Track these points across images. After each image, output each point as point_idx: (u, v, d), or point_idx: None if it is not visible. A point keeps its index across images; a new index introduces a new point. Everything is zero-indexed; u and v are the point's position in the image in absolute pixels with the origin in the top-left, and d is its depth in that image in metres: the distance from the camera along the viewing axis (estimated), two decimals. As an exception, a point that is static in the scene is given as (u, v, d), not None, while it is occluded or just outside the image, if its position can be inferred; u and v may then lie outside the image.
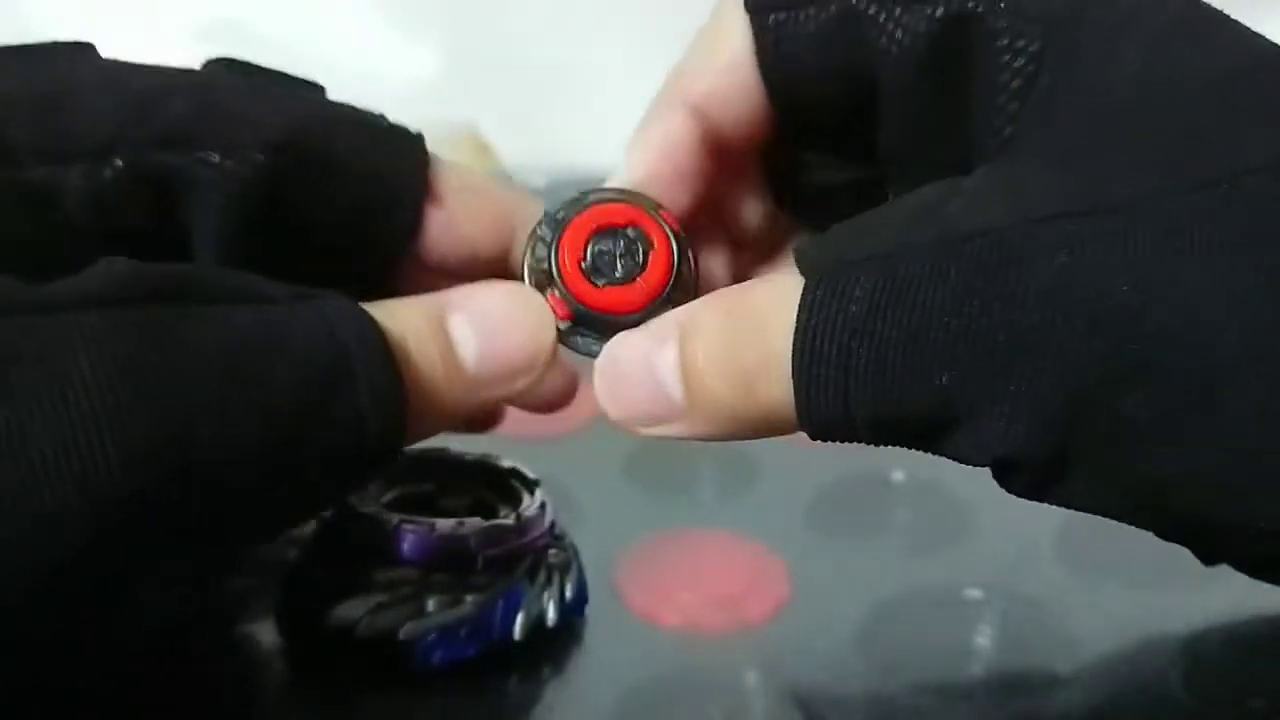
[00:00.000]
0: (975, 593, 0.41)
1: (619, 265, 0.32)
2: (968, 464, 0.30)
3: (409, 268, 0.35)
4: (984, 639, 0.40)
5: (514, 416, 0.47)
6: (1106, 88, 0.29)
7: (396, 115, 0.36)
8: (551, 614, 0.38)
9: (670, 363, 0.30)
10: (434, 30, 0.71)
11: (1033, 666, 0.39)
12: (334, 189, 0.33)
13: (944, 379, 0.28)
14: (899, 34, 0.30)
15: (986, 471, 0.37)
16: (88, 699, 0.32)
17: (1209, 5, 0.31)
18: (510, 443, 0.42)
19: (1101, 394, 0.27)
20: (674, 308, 0.31)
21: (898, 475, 0.46)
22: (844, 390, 0.28)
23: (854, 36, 0.31)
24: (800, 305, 0.28)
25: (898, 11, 0.30)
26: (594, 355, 0.32)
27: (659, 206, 0.33)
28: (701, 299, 0.31)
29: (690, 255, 0.33)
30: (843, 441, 0.30)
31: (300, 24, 0.70)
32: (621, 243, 0.32)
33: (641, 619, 0.40)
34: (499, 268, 0.35)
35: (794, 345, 0.28)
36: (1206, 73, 0.29)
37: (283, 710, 0.36)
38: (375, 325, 0.30)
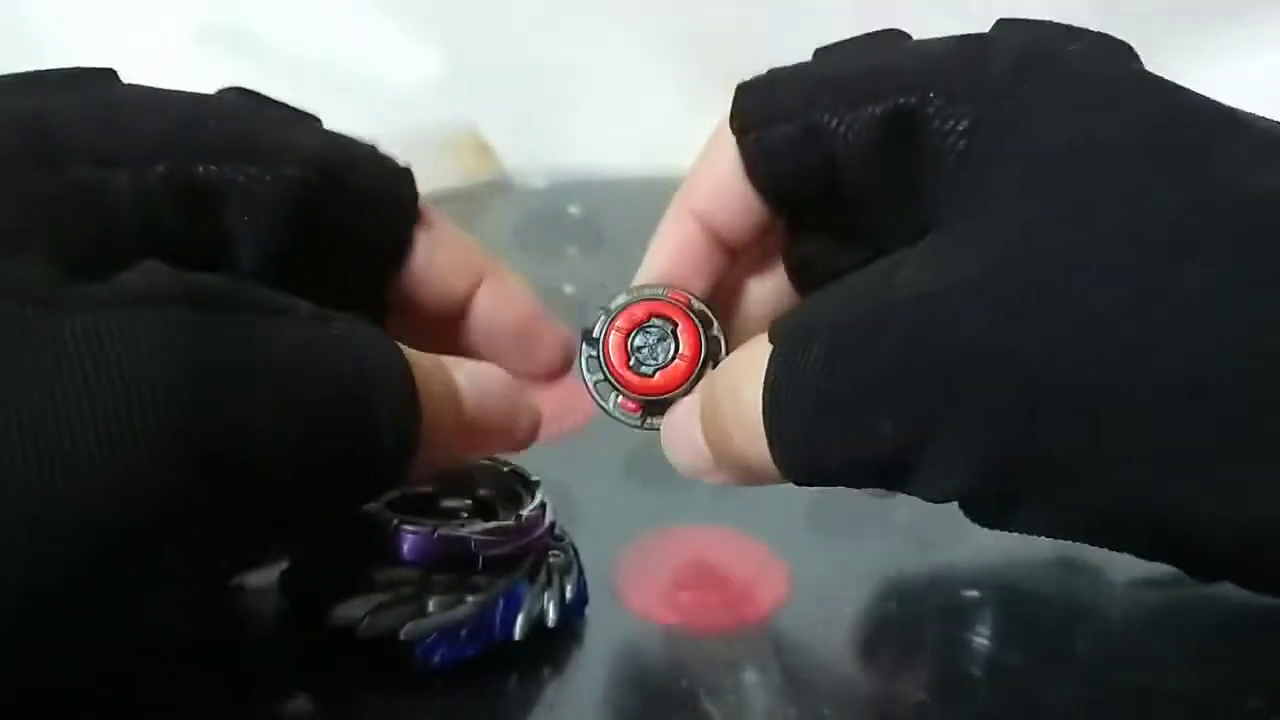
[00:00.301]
0: (973, 592, 0.41)
1: (658, 352, 0.37)
2: (931, 501, 0.33)
3: (390, 294, 0.38)
4: (982, 638, 0.40)
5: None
6: (1036, 149, 0.32)
7: (398, 116, 0.37)
8: (552, 614, 0.38)
9: (698, 432, 0.36)
10: (435, 31, 0.70)
11: (1031, 666, 0.39)
12: (350, 210, 0.36)
13: (888, 430, 0.31)
14: (849, 135, 0.35)
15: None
16: (88, 699, 0.32)
17: (1137, 68, 0.34)
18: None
19: (1027, 439, 0.30)
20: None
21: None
22: (807, 443, 0.33)
23: (817, 142, 0.35)
24: (767, 368, 0.33)
25: (847, 116, 0.35)
26: None
27: (671, 289, 0.38)
28: (734, 352, 0.35)
29: (716, 322, 0.38)
30: (822, 486, 0.34)
31: (301, 25, 0.69)
32: (653, 334, 0.37)
33: (641, 618, 0.40)
34: (458, 313, 0.38)
35: (761, 403, 0.33)
36: (1132, 125, 0.32)
37: (283, 710, 0.36)
38: (400, 352, 0.33)
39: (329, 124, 0.37)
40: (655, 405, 0.37)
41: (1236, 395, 0.29)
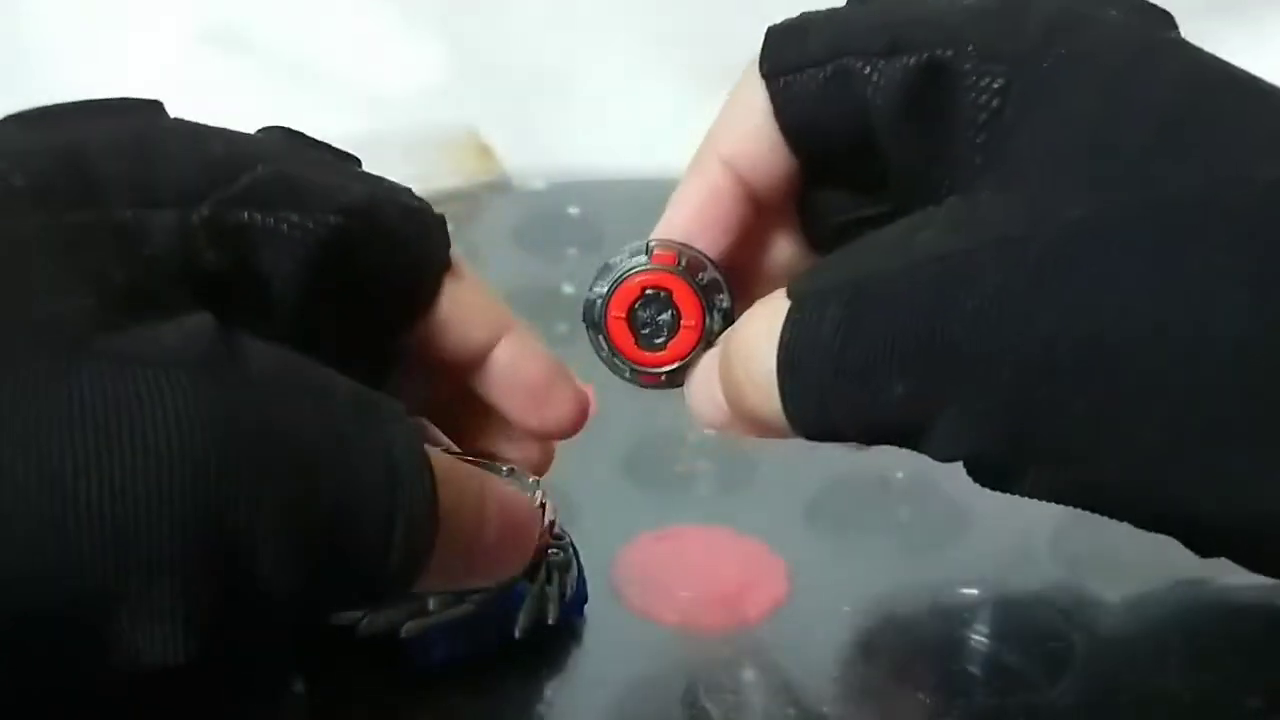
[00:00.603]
0: (972, 591, 0.41)
1: (663, 325, 0.37)
2: (939, 461, 0.33)
3: (411, 337, 0.37)
4: (980, 637, 0.40)
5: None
6: (1064, 118, 0.32)
7: (398, 117, 0.37)
8: (552, 613, 0.38)
9: (716, 384, 0.36)
10: (435, 32, 0.70)
11: (1029, 665, 0.39)
12: (384, 256, 0.35)
13: (900, 390, 0.32)
14: (882, 82, 0.34)
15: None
16: (85, 699, 0.32)
17: (1173, 36, 0.34)
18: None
19: (1041, 402, 0.31)
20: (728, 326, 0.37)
21: (897, 474, 0.46)
22: (818, 403, 0.33)
23: (847, 88, 0.35)
24: (783, 327, 0.33)
25: (880, 64, 0.34)
26: None
27: (663, 248, 0.37)
28: (752, 307, 0.35)
29: (720, 279, 0.37)
30: (835, 442, 0.34)
31: (302, 26, 0.69)
32: (653, 306, 0.37)
33: (640, 617, 0.40)
34: (475, 364, 0.38)
35: (776, 361, 0.33)
36: (1157, 99, 0.32)
37: (282, 708, 0.36)
38: (431, 468, 0.31)
39: (331, 125, 0.37)
40: (676, 374, 0.37)
41: (1241, 380, 0.30)
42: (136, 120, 0.34)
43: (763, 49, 0.36)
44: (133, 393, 0.27)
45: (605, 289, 0.38)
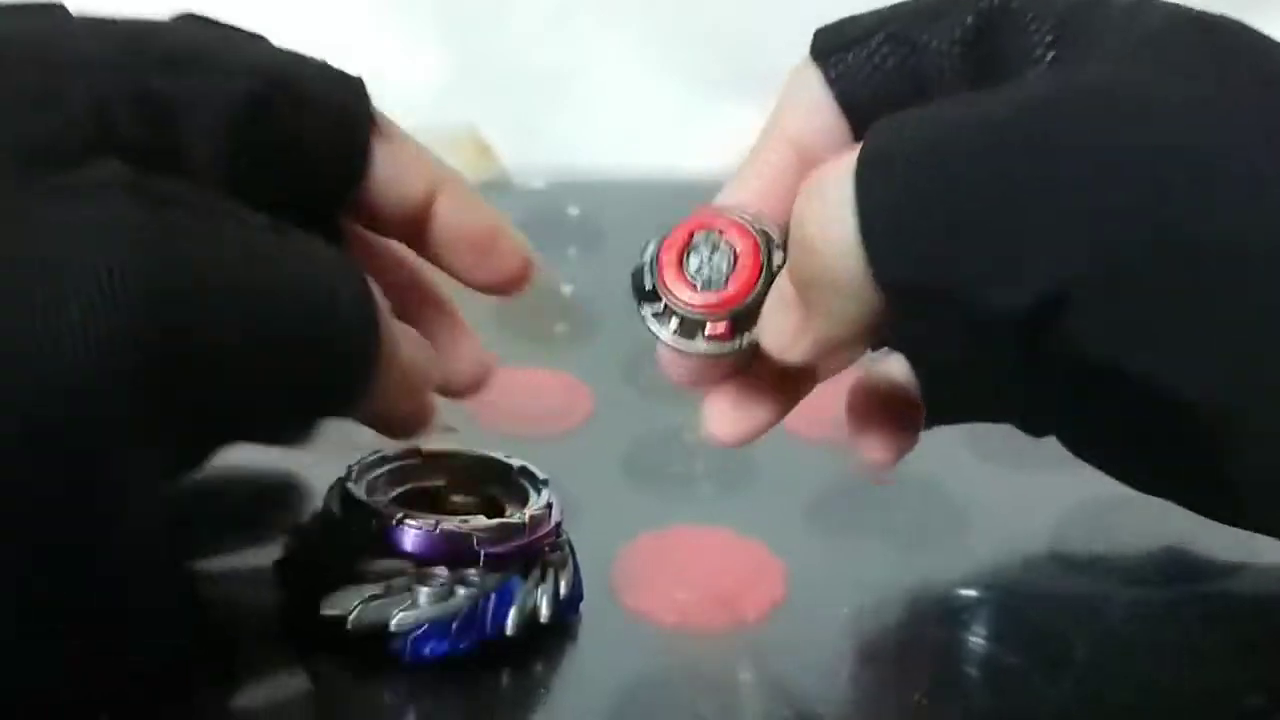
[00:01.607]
0: (970, 593, 0.41)
1: (716, 268, 0.35)
2: (1007, 315, 0.31)
3: (350, 209, 0.38)
4: (979, 639, 0.40)
5: (515, 418, 0.48)
6: (1120, 45, 0.33)
7: (399, 117, 0.38)
8: (545, 610, 0.38)
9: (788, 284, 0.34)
10: (435, 33, 0.71)
11: (1028, 666, 0.39)
12: (305, 119, 0.36)
13: (993, 224, 0.31)
14: (934, 43, 0.35)
15: (984, 472, 0.37)
16: (81, 691, 0.32)
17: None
18: (510, 442, 0.42)
19: (1127, 252, 0.30)
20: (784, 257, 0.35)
21: (896, 476, 0.46)
22: (899, 242, 0.31)
23: (899, 52, 0.36)
24: (857, 177, 0.32)
25: (930, 25, 0.36)
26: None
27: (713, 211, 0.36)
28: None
29: (771, 227, 0.36)
30: (907, 307, 0.33)
31: (300, 25, 0.69)
32: (704, 249, 0.35)
33: (636, 616, 0.40)
34: (416, 225, 0.38)
35: (853, 208, 0.32)
36: (1210, 53, 0.32)
37: (274, 701, 0.36)
38: (360, 267, 0.34)
39: None
40: (743, 317, 0.35)
41: None
42: (40, 17, 0.35)
43: (813, 41, 0.37)
44: (72, 219, 0.30)
45: (652, 245, 0.36)
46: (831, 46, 0.37)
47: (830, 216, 0.32)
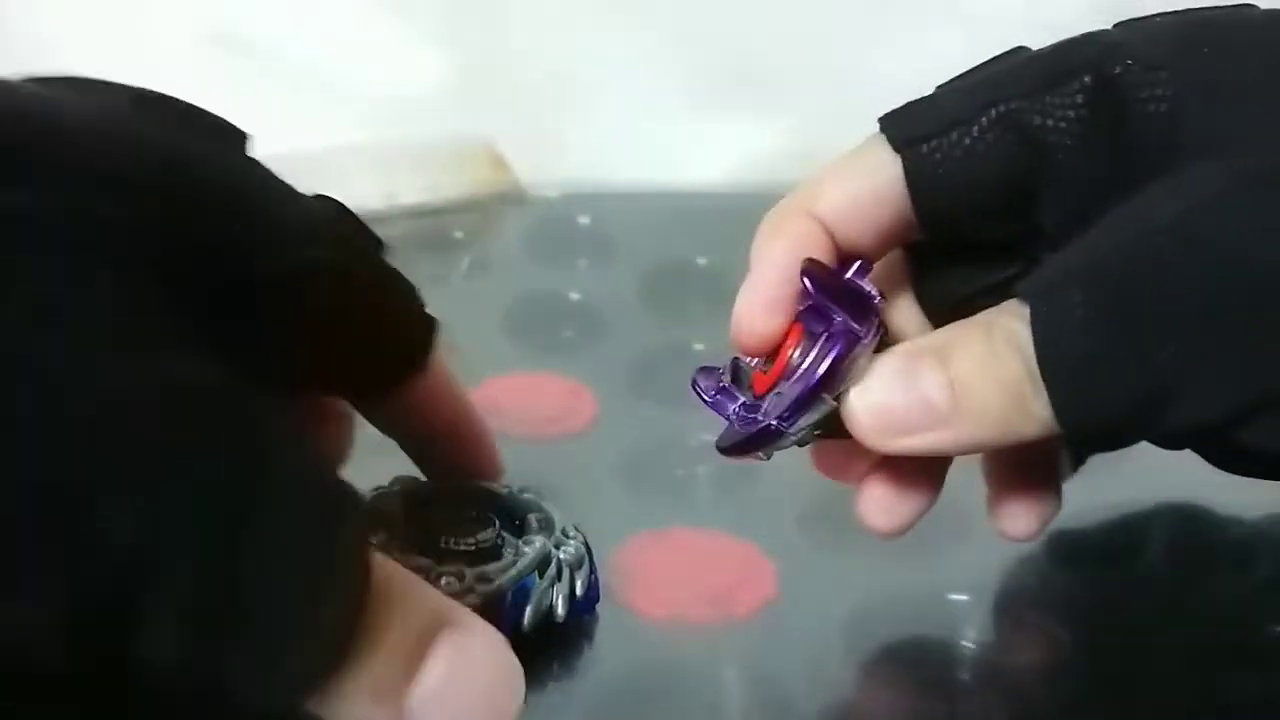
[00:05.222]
0: (962, 596, 0.41)
1: (819, 349, 0.33)
2: (1202, 430, 0.31)
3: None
4: (969, 641, 0.40)
5: (520, 421, 0.48)
6: (1233, 94, 0.32)
7: (410, 126, 0.37)
8: (560, 609, 0.38)
9: (936, 379, 0.32)
10: (447, 42, 0.70)
11: (1018, 670, 0.40)
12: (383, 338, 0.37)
13: (1168, 353, 0.30)
14: (1051, 120, 0.33)
15: (976, 476, 0.37)
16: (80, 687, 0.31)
17: None
18: (512, 444, 0.42)
19: None
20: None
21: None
22: (1088, 385, 0.31)
23: (1010, 138, 0.33)
24: (1032, 321, 0.31)
25: (1045, 97, 0.33)
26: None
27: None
28: (946, 328, 0.33)
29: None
30: (1102, 445, 0.34)
31: (312, 35, 0.69)
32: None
33: (629, 612, 0.41)
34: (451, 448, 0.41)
35: (1037, 355, 0.31)
36: None
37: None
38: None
39: (337, 132, 0.36)
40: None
41: None
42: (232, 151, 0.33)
43: (884, 128, 0.34)
44: None
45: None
46: (918, 133, 0.34)
47: (1007, 379, 0.31)
